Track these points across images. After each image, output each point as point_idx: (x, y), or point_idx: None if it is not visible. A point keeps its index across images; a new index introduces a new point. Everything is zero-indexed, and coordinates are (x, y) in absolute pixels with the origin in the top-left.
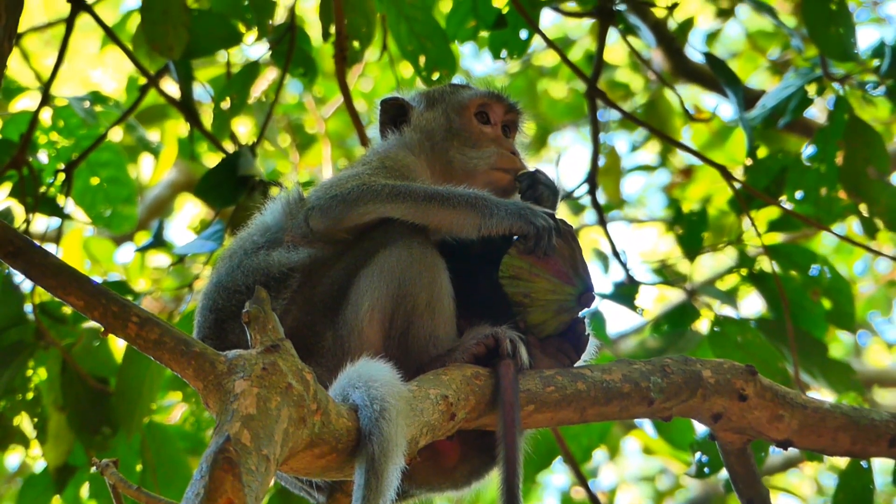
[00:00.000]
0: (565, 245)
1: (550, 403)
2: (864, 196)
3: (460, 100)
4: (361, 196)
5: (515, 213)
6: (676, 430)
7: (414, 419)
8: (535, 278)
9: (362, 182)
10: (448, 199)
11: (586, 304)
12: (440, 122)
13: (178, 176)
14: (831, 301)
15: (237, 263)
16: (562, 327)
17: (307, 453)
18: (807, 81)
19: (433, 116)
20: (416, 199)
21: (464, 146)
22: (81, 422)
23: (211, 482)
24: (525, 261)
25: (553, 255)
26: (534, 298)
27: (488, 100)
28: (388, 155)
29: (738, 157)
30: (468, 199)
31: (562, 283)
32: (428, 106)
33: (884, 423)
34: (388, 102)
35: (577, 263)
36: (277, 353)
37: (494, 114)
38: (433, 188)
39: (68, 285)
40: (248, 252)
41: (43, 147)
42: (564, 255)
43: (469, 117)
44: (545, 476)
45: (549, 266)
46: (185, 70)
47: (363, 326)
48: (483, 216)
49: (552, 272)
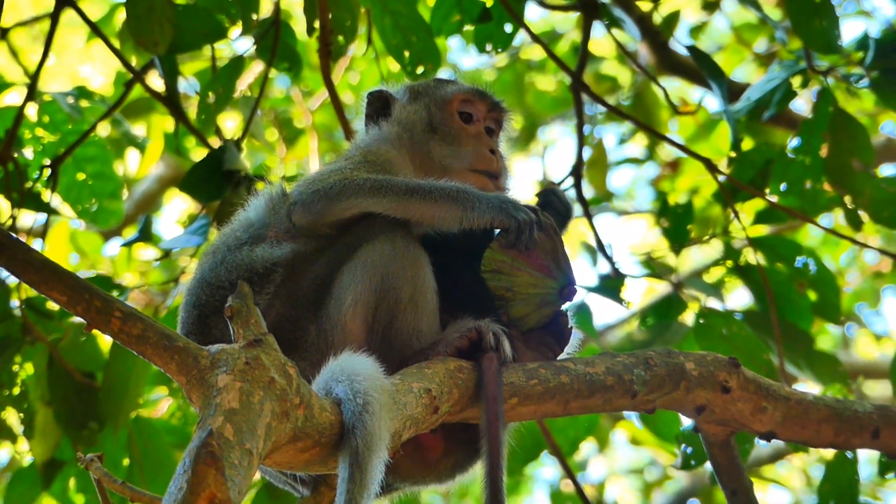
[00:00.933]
0: (547, 239)
1: (534, 396)
2: (848, 188)
3: (443, 94)
4: (343, 191)
5: (497, 207)
6: (662, 422)
7: (397, 413)
8: (516, 272)
9: (344, 177)
10: (429, 192)
11: (568, 297)
12: (421, 115)
13: (165, 170)
14: (817, 293)
15: (220, 259)
16: (544, 320)
17: (290, 447)
18: (791, 74)
19: (415, 110)
20: (398, 193)
21: (443, 142)
22: (68, 417)
23: (194, 476)
24: (507, 255)
25: (535, 249)
26: (516, 292)
27: (472, 96)
28: (371, 149)
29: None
30: (449, 192)
31: (543, 277)
32: (411, 99)
33: (867, 415)
34: (373, 95)
35: (559, 257)
36: (260, 347)
37: (478, 111)
38: (415, 182)
39: (51, 280)
40: (232, 248)
41: (28, 143)
42: (546, 248)
43: (451, 113)
44: (535, 469)
45: (530, 260)
46: (170, 65)
47: (346, 321)
48: (464, 209)
49: (534, 266)
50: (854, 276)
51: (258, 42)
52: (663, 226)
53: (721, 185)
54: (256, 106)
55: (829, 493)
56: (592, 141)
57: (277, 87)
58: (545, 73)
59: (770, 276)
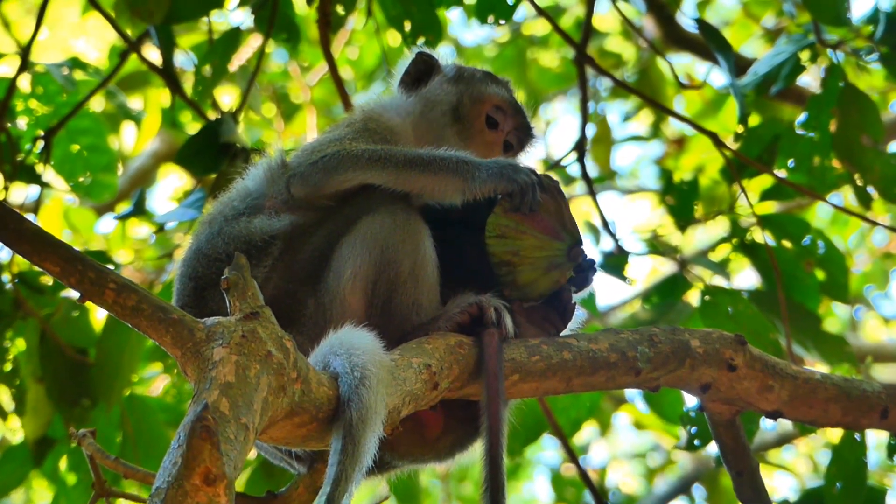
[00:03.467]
0: (551, 200)
1: (536, 373)
2: (857, 165)
3: (482, 91)
4: (341, 163)
5: (497, 173)
6: (667, 403)
7: (396, 388)
8: (522, 236)
9: (342, 148)
10: (429, 164)
11: (576, 258)
12: (451, 99)
13: (160, 146)
14: (825, 272)
15: (217, 230)
16: (553, 287)
17: (287, 422)
18: (800, 48)
19: (451, 91)
20: (397, 165)
21: (458, 135)
22: (60, 393)
23: (189, 451)
24: (511, 219)
25: (539, 212)
26: (522, 256)
27: (507, 106)
28: (373, 116)
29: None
30: (449, 163)
31: (550, 239)
32: (454, 79)
33: (875, 395)
34: (421, 56)
35: (564, 218)
36: (257, 320)
37: (505, 123)
38: (413, 152)
39: (44, 251)
40: (229, 218)
41: (21, 114)
42: (550, 210)
43: (480, 112)
44: (536, 453)
45: (535, 222)
46: (166, 36)
47: (345, 294)
48: (465, 180)
49: (539, 228)
50: (862, 257)
51: (256, 12)
52: (668, 203)
53: (728, 160)
54: (254, 77)
55: (836, 476)
56: (596, 118)
57: (275, 62)
58: (548, 48)
59: (777, 254)
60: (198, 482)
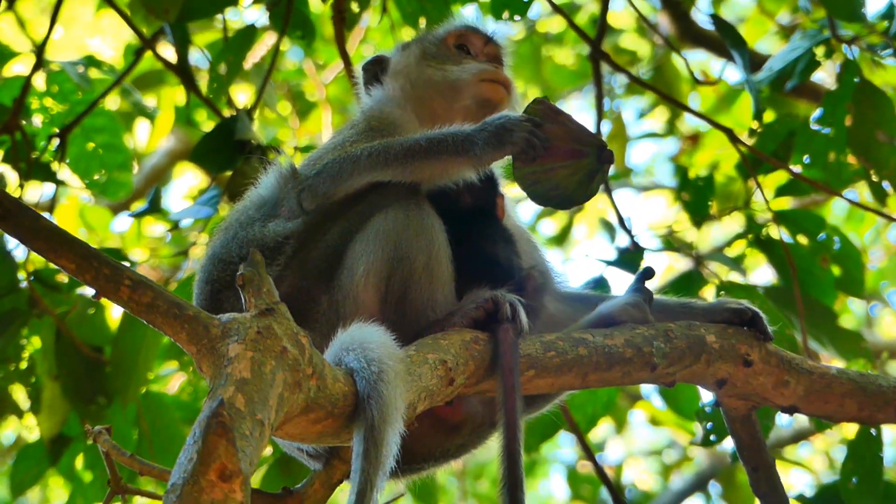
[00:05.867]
0: (555, 126)
1: (551, 368)
2: (872, 160)
3: (436, 35)
4: (343, 169)
5: (495, 140)
6: (683, 399)
7: (412, 384)
8: (552, 173)
9: (343, 152)
10: (427, 149)
11: (608, 159)
12: (415, 55)
13: (175, 144)
14: (840, 267)
15: (232, 235)
16: (600, 184)
17: (302, 418)
18: (814, 43)
19: (408, 54)
20: (397, 157)
21: (443, 64)
22: (76, 391)
23: (204, 447)
24: (533, 166)
25: (553, 143)
26: (564, 187)
27: (465, 31)
28: (373, 114)
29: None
30: (446, 143)
31: (577, 160)
32: (402, 49)
33: (891, 389)
34: (368, 63)
35: (577, 133)
36: (272, 316)
37: (474, 46)
38: (410, 140)
39: (59, 248)
40: (244, 225)
41: (36, 112)
42: (560, 134)
43: (447, 46)
44: (552, 451)
45: (556, 154)
46: (181, 33)
47: (359, 291)
48: (468, 156)
49: (562, 157)
50: (878, 253)
51: (270, 9)
52: (684, 199)
53: (743, 156)
54: (269, 74)
55: (852, 471)
56: (611, 115)
57: (290, 60)
58: (563, 46)
59: (793, 250)
60: (213, 478)
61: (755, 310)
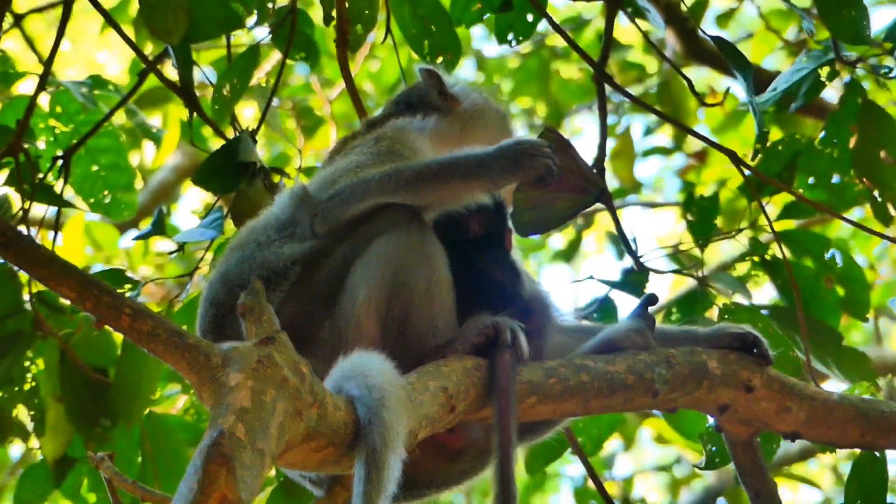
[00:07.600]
0: (567, 159)
1: (553, 395)
2: (876, 181)
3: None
4: (353, 193)
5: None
6: (686, 420)
7: (413, 411)
8: (553, 202)
9: (356, 177)
10: (438, 173)
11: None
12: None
13: (183, 160)
14: (845, 288)
15: (249, 255)
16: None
17: (304, 447)
18: (819, 65)
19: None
20: (408, 182)
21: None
22: (80, 413)
23: (205, 476)
24: (537, 190)
25: (564, 174)
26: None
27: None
28: (400, 139)
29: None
30: (460, 168)
31: (579, 196)
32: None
33: (894, 415)
34: (428, 73)
35: (584, 171)
36: (273, 345)
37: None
38: (422, 164)
39: (60, 276)
40: (262, 245)
41: (41, 133)
42: (570, 168)
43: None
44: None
45: (561, 185)
46: (184, 55)
47: (360, 317)
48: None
49: (566, 189)
50: (887, 269)
51: (274, 31)
52: (688, 219)
53: (746, 178)
54: (272, 97)
55: (856, 493)
56: (619, 130)
57: (296, 76)
58: (570, 61)
59: (797, 271)
60: None
61: (756, 334)
